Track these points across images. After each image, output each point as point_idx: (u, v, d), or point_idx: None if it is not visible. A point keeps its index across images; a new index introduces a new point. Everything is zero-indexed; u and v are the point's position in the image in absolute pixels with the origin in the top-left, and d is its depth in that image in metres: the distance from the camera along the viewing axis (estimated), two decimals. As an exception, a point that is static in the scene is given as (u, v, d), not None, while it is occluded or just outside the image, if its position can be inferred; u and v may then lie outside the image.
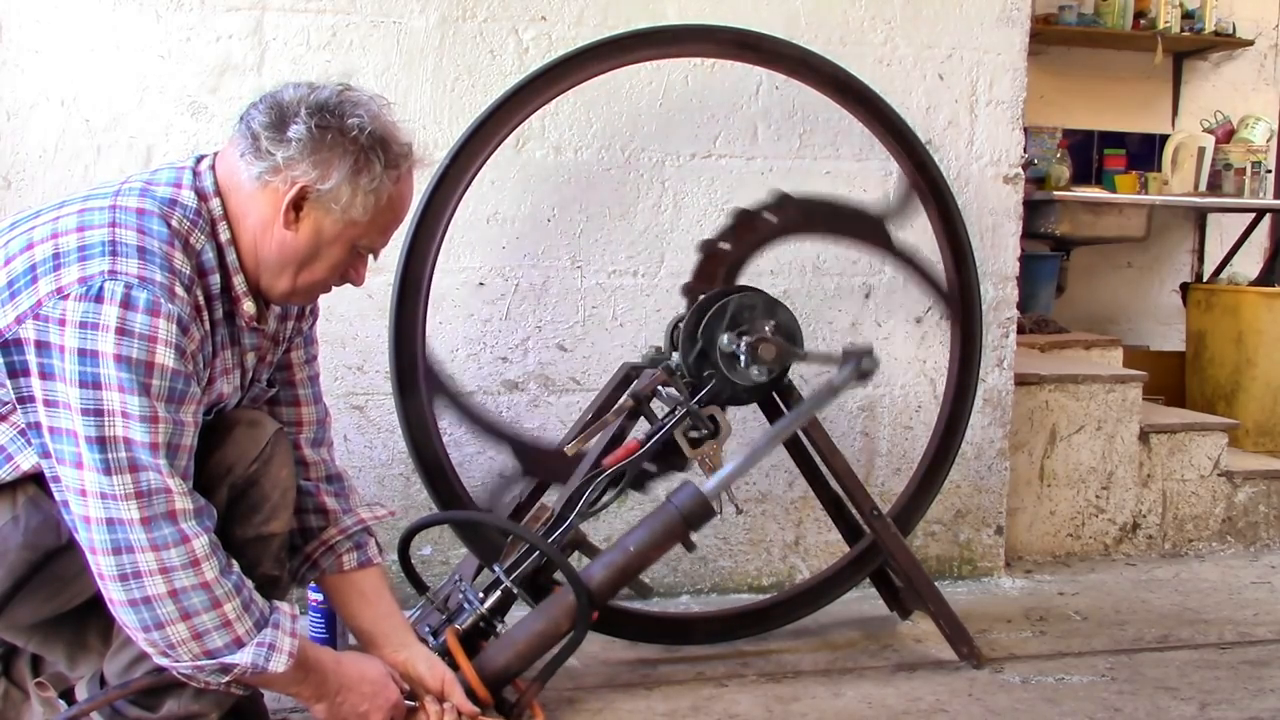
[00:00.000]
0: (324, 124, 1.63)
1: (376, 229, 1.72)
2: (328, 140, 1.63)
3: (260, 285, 1.72)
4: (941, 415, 2.73)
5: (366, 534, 1.95)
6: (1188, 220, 5.14)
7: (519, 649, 2.04)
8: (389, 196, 1.69)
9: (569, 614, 2.06)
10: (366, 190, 1.66)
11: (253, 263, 1.69)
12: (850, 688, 2.34)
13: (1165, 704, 2.29)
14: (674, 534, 2.14)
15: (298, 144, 1.62)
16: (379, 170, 1.66)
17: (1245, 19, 4.98)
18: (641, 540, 2.13)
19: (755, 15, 2.75)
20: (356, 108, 1.66)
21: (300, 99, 1.65)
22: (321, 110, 1.64)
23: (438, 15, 2.67)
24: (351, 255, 1.72)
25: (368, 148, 1.65)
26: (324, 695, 1.74)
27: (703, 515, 2.15)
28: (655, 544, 2.14)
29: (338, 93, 1.67)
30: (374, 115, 1.67)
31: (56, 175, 2.53)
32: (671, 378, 2.32)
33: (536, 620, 2.07)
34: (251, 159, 1.64)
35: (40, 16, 2.50)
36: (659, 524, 2.14)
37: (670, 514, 2.14)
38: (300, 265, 1.69)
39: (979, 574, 3.12)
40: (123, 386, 1.50)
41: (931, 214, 2.71)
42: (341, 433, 2.63)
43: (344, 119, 1.64)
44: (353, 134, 1.64)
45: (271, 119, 1.63)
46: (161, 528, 1.51)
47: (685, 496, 2.15)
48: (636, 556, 2.13)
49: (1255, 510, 3.55)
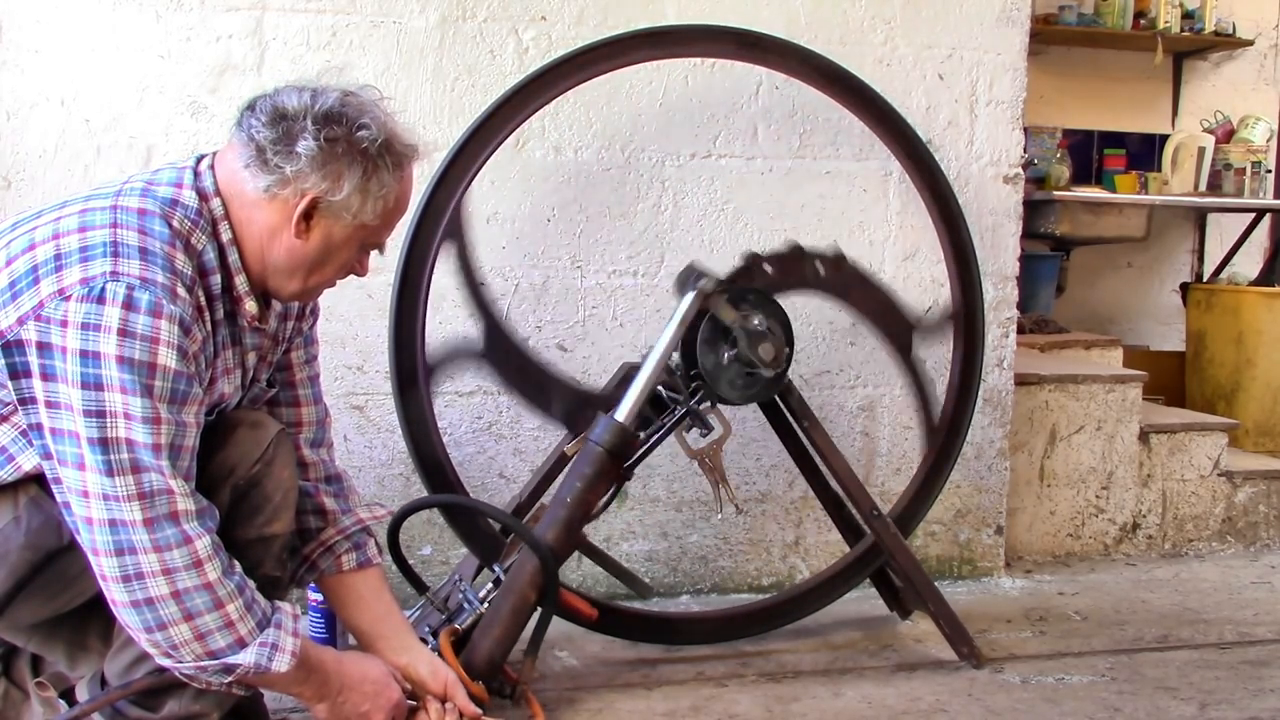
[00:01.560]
0: (333, 136, 1.62)
1: (385, 227, 1.74)
2: (338, 152, 1.62)
3: (268, 286, 1.73)
4: (943, 415, 2.73)
5: (365, 534, 1.95)
6: (1188, 220, 5.14)
7: (496, 633, 2.04)
8: (396, 196, 1.71)
9: (533, 581, 2.05)
10: (377, 196, 1.67)
11: (259, 266, 1.69)
12: (850, 688, 2.35)
13: (1165, 704, 2.29)
14: (603, 470, 2.12)
15: (308, 158, 1.61)
16: (388, 175, 1.67)
17: (1245, 19, 4.98)
18: (575, 487, 2.13)
19: (755, 15, 2.75)
20: (362, 115, 1.65)
21: (304, 109, 1.63)
22: (328, 121, 1.62)
23: (438, 15, 2.67)
24: (359, 253, 1.75)
25: (377, 156, 1.65)
26: (326, 695, 1.74)
27: (624, 442, 2.13)
28: (589, 486, 2.13)
29: (340, 99, 1.65)
30: (381, 122, 1.66)
31: (56, 175, 2.53)
32: (671, 378, 2.32)
33: (504, 598, 2.06)
34: (258, 171, 1.63)
35: (40, 16, 2.50)
36: (585, 465, 2.13)
37: (592, 451, 2.13)
38: (311, 269, 1.71)
39: (979, 574, 3.12)
40: (125, 388, 1.50)
41: (933, 214, 2.71)
42: (341, 433, 2.63)
43: (353, 130, 1.63)
44: (363, 145, 1.64)
45: (277, 132, 1.62)
46: (164, 529, 1.51)
47: (601, 429, 2.14)
48: (576, 505, 2.12)
49: (1255, 510, 3.55)
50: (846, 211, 2.92)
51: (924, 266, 2.96)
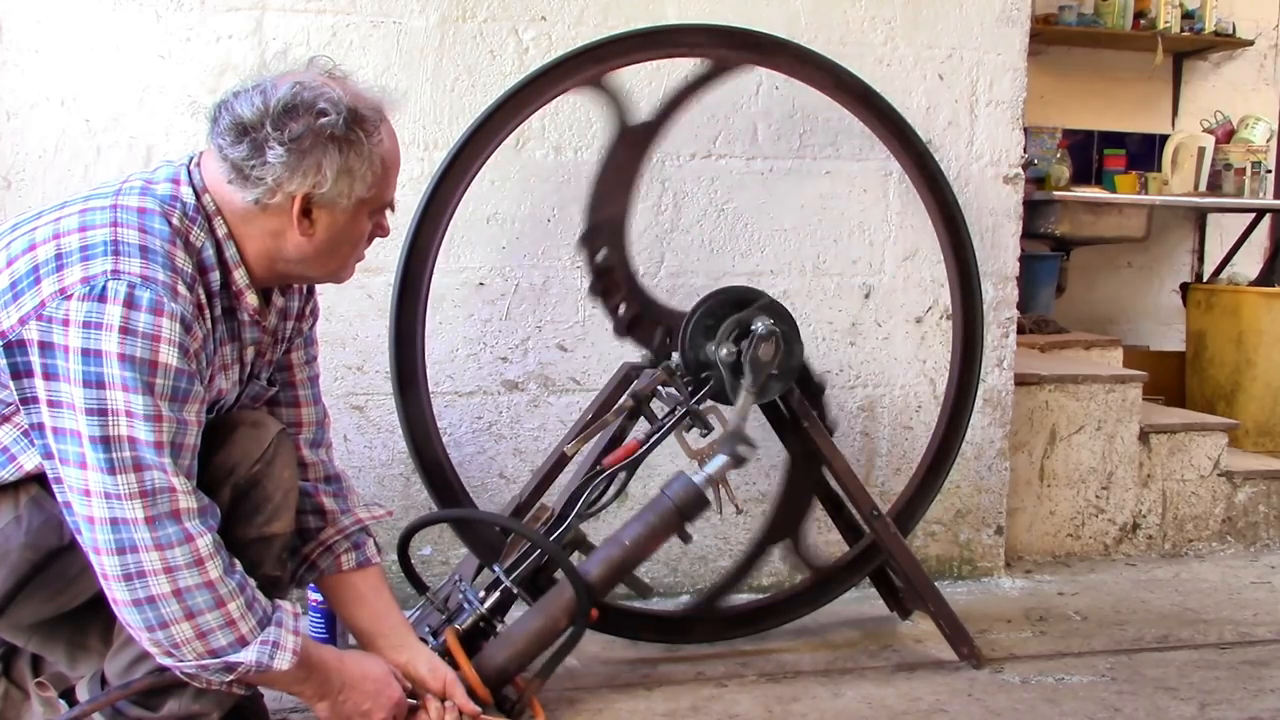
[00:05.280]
0: (296, 134, 1.60)
1: (385, 189, 1.73)
2: (307, 146, 1.61)
3: (291, 275, 1.74)
4: (942, 415, 2.73)
5: (365, 534, 1.95)
6: (1188, 220, 5.14)
7: (518, 647, 2.04)
8: (381, 158, 1.69)
9: (567, 611, 2.06)
10: (363, 170, 1.66)
11: (268, 262, 1.70)
12: (850, 688, 2.35)
13: (1165, 704, 2.29)
14: (669, 526, 2.13)
15: (281, 164, 1.60)
16: (365, 147, 1.65)
17: (1245, 19, 4.98)
18: (637, 534, 2.13)
19: (755, 15, 2.75)
20: (319, 99, 1.61)
21: (260, 116, 1.60)
22: (288, 117, 1.60)
23: (438, 15, 2.67)
24: (373, 219, 1.74)
25: (346, 134, 1.63)
26: (327, 694, 1.74)
27: (697, 505, 2.14)
28: (651, 536, 2.13)
29: (292, 91, 1.61)
30: (337, 99, 1.62)
31: (56, 175, 2.53)
32: (671, 378, 2.32)
33: (535, 618, 2.07)
34: (241, 186, 1.63)
35: (40, 16, 2.50)
36: (654, 516, 2.13)
37: (665, 506, 2.13)
38: (331, 253, 1.71)
39: (979, 574, 3.12)
40: (127, 386, 1.50)
41: (933, 214, 2.71)
42: (341, 433, 2.63)
43: (314, 118, 1.61)
44: (328, 131, 1.61)
45: (245, 148, 1.60)
46: (166, 527, 1.52)
47: (679, 487, 2.14)
48: (633, 550, 2.12)
49: (1255, 510, 3.55)
50: (846, 211, 2.92)
51: (924, 266, 2.96)
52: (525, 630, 2.05)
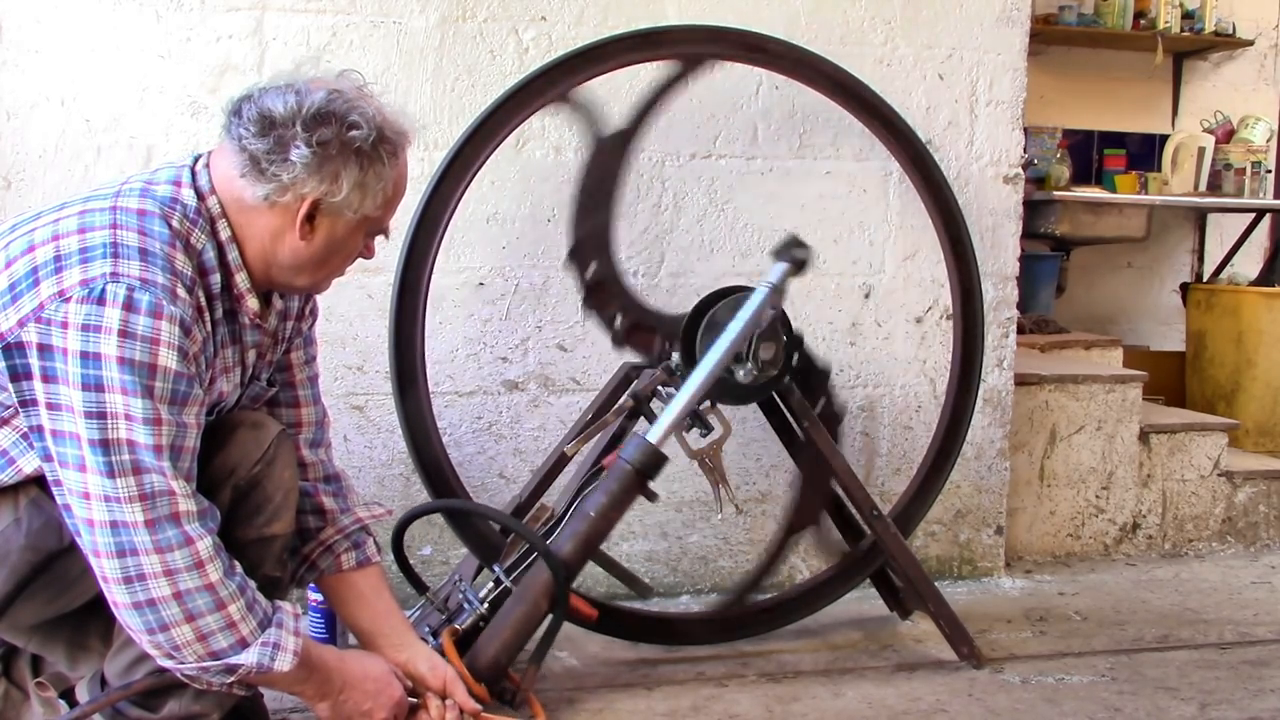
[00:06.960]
0: (325, 139, 1.61)
1: (388, 212, 1.75)
2: (332, 154, 1.62)
3: (277, 283, 1.73)
4: (943, 415, 2.73)
5: (364, 533, 1.95)
6: (1188, 220, 5.14)
7: (504, 637, 2.04)
8: (394, 182, 1.71)
9: (546, 592, 2.05)
10: (376, 189, 1.67)
11: (263, 265, 1.70)
12: (850, 688, 2.35)
13: (1165, 704, 2.29)
14: (631, 489, 2.13)
15: (303, 165, 1.61)
16: (385, 167, 1.67)
17: (1245, 19, 4.98)
18: (601, 503, 2.12)
19: (756, 16, 2.75)
20: (351, 111, 1.63)
21: (293, 114, 1.60)
22: (319, 122, 1.61)
23: (438, 15, 2.67)
24: (365, 240, 1.76)
25: (371, 151, 1.65)
26: (327, 694, 1.74)
27: (654, 463, 2.14)
28: (615, 504, 2.13)
29: (327, 97, 1.63)
30: (369, 116, 1.65)
31: (56, 176, 2.53)
32: (671, 378, 2.32)
33: (516, 605, 2.06)
34: (255, 180, 1.63)
35: (40, 16, 2.50)
36: (614, 483, 2.13)
37: (622, 469, 2.13)
38: (319, 264, 1.72)
39: (979, 574, 3.12)
40: (125, 389, 1.50)
41: (933, 214, 2.71)
42: (341, 433, 2.63)
43: (345, 129, 1.62)
44: (356, 144, 1.63)
45: (269, 142, 1.60)
46: (165, 530, 1.52)
47: (633, 448, 2.14)
48: (600, 520, 2.12)
49: (1255, 510, 3.55)
50: (846, 211, 2.92)
51: (924, 266, 2.96)
52: (509, 619, 2.05)
